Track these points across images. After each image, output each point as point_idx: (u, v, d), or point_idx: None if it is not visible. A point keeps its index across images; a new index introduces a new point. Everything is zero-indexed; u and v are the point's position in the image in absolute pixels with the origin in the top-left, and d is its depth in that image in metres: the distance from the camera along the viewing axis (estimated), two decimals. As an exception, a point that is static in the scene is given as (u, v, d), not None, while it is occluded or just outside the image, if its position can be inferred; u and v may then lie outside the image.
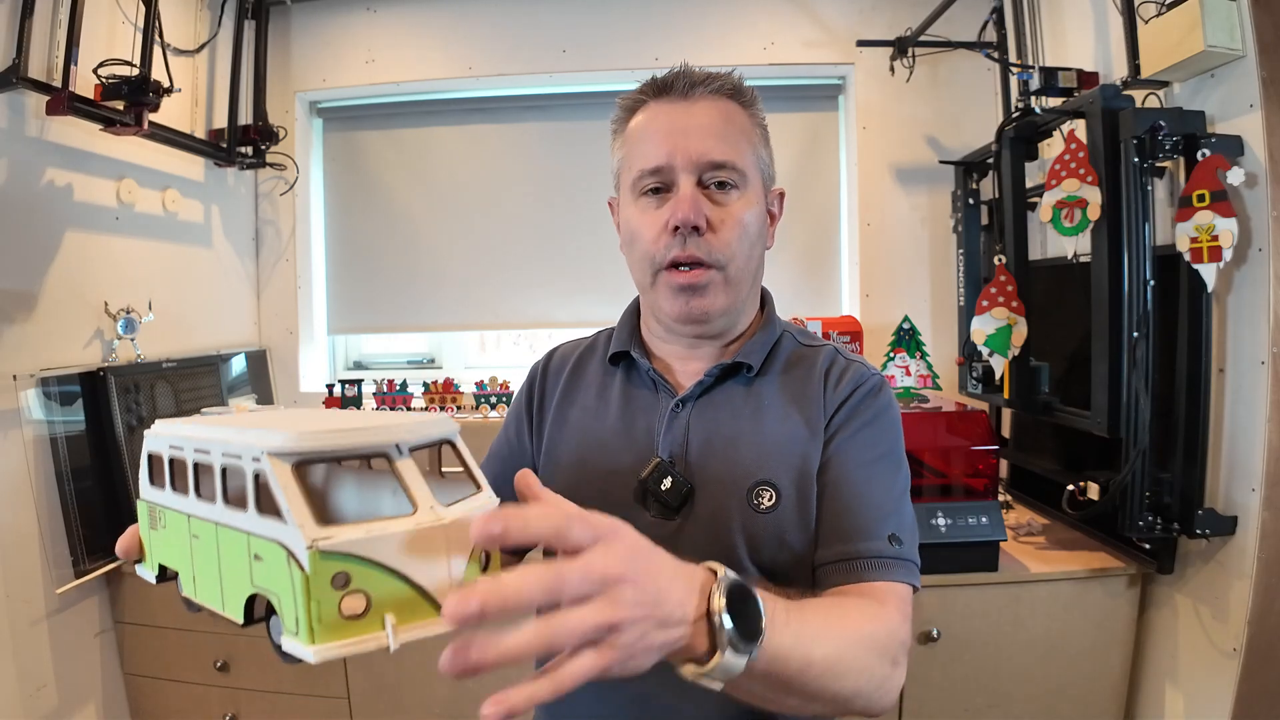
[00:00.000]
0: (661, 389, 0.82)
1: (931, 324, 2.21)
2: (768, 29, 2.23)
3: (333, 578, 0.38)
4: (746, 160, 0.77)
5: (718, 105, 0.77)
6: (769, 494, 0.74)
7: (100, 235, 1.77)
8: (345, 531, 0.38)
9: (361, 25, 2.31)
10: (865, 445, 0.76)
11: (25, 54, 1.47)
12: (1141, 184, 1.39)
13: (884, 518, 0.73)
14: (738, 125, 0.77)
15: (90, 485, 1.65)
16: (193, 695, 1.74)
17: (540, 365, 0.92)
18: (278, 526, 0.39)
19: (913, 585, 0.72)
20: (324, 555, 0.37)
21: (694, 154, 0.74)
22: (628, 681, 0.67)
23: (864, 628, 0.62)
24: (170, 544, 0.49)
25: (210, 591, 0.45)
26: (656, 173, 0.76)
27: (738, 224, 0.75)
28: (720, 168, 0.75)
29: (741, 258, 0.76)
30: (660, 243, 0.75)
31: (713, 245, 0.75)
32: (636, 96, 0.80)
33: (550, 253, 2.37)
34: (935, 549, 1.50)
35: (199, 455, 0.45)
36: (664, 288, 0.77)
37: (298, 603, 0.38)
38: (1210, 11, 1.30)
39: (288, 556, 0.38)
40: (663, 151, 0.75)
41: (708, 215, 0.74)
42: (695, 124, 0.75)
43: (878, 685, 0.61)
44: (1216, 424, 1.40)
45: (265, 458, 0.39)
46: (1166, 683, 1.53)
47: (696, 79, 0.77)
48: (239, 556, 0.42)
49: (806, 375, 0.80)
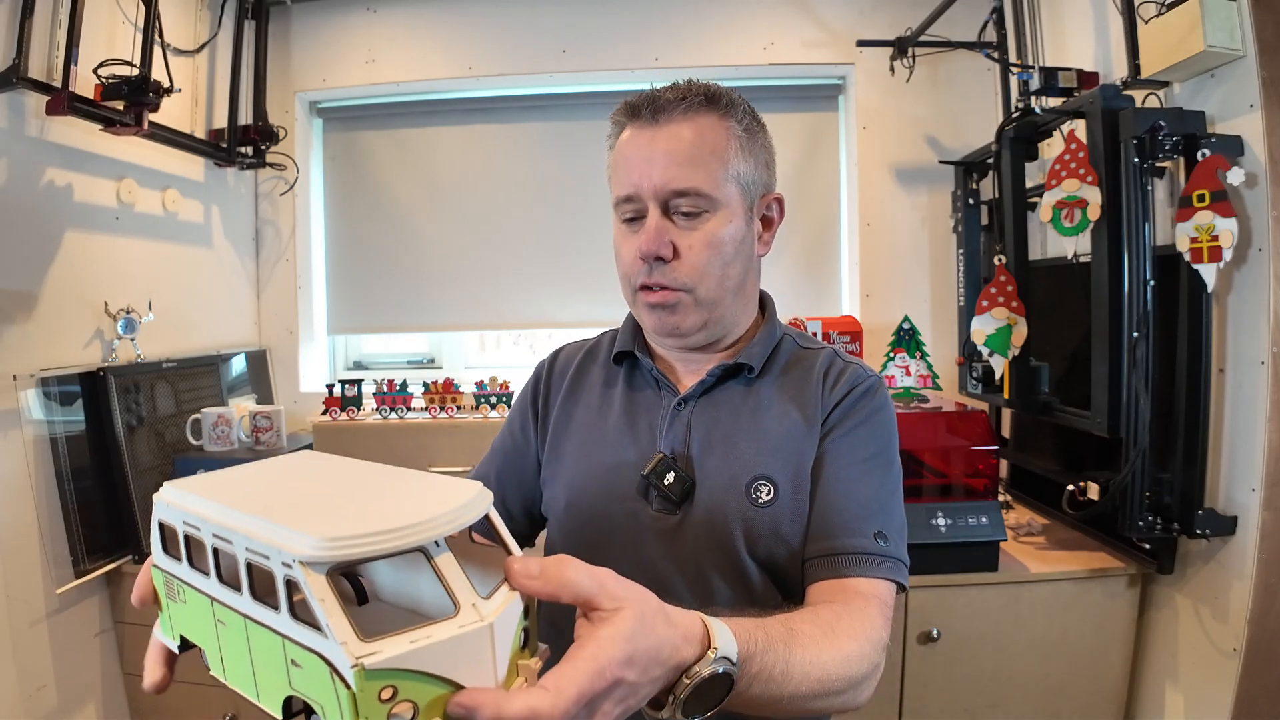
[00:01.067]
0: (664, 388, 0.83)
1: (931, 324, 2.21)
2: (768, 29, 2.23)
3: (379, 692, 0.37)
4: (716, 179, 0.75)
5: (688, 125, 0.75)
6: (767, 488, 0.75)
7: (100, 235, 1.77)
8: (390, 645, 0.37)
9: (361, 25, 2.31)
10: (857, 444, 0.77)
11: (25, 54, 1.47)
12: (1141, 184, 1.39)
13: (871, 515, 0.74)
14: (708, 144, 0.75)
15: (90, 485, 1.65)
16: (193, 695, 1.73)
17: (546, 364, 0.94)
18: (317, 638, 0.37)
19: (898, 583, 0.73)
20: (370, 674, 0.36)
21: (657, 183, 0.75)
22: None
23: (849, 651, 0.62)
24: (193, 620, 0.46)
25: (242, 680, 0.43)
26: (628, 201, 0.78)
27: (705, 248, 0.76)
28: (684, 195, 0.75)
29: (712, 279, 0.77)
30: (635, 267, 0.78)
31: (678, 272, 0.76)
32: (617, 117, 0.81)
33: (550, 253, 2.37)
34: (935, 549, 1.50)
35: (220, 542, 0.42)
36: (641, 305, 0.81)
37: (345, 718, 0.37)
38: (1210, 11, 1.30)
39: (331, 672, 0.37)
40: (630, 180, 0.76)
41: (675, 242, 0.76)
42: (659, 151, 0.75)
43: (855, 694, 0.63)
44: (1216, 424, 1.41)
45: (297, 566, 0.37)
46: (1166, 683, 1.53)
47: (662, 102, 0.76)
48: (274, 656, 0.40)
49: (805, 376, 0.82)
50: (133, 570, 1.70)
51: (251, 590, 0.40)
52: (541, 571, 0.44)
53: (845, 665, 0.61)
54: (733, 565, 0.75)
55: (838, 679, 0.60)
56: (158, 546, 0.47)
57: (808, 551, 0.75)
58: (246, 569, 0.40)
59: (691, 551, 0.75)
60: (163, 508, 0.46)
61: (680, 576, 0.76)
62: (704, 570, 0.75)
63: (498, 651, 0.41)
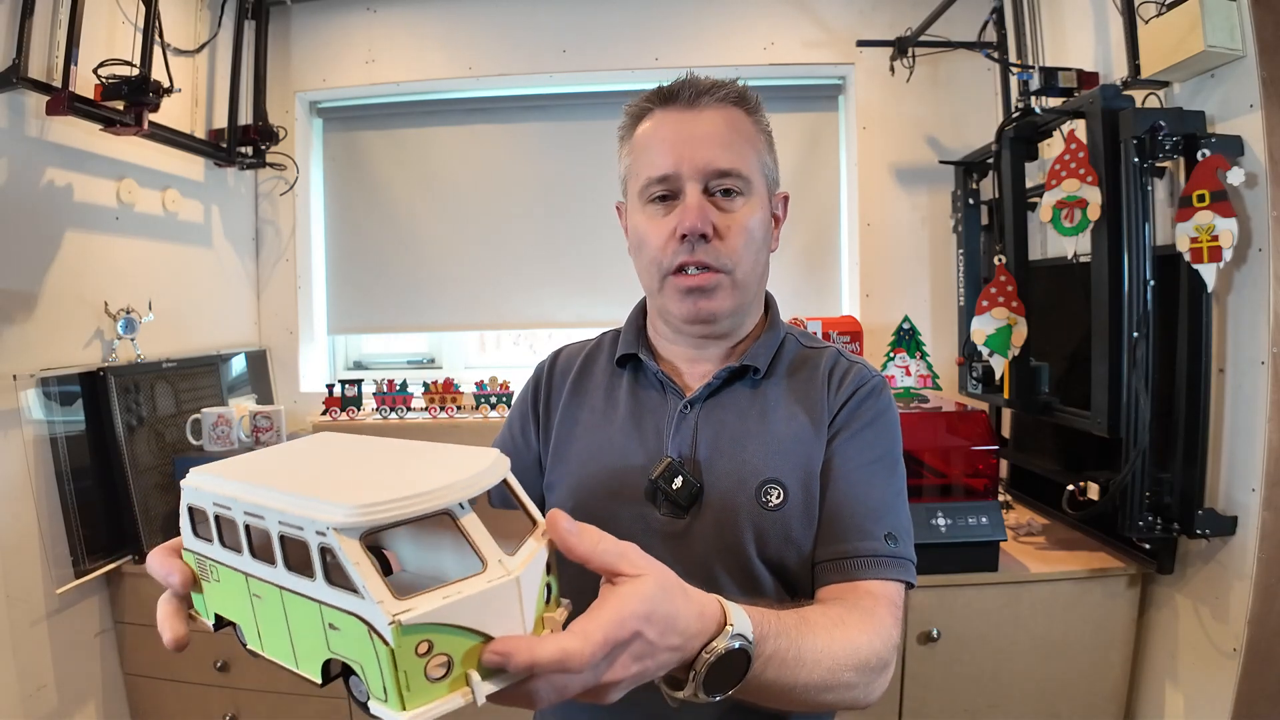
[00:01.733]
0: (669, 390, 0.83)
1: (931, 324, 2.21)
2: (768, 29, 2.23)
3: (416, 646, 0.39)
4: (751, 167, 0.78)
5: (723, 113, 0.78)
6: (777, 492, 0.75)
7: (100, 235, 1.77)
8: (424, 602, 0.39)
9: (361, 25, 2.31)
10: (864, 446, 0.78)
11: (25, 54, 1.47)
12: (1141, 184, 1.39)
13: (880, 517, 0.74)
14: (743, 132, 0.78)
15: (90, 485, 1.65)
16: (193, 695, 1.74)
17: (546, 365, 0.93)
18: (353, 600, 0.39)
19: (907, 583, 0.74)
20: (406, 629, 0.38)
21: (700, 162, 0.75)
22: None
23: (860, 644, 0.64)
24: (227, 597, 0.48)
25: (280, 650, 0.45)
26: (663, 181, 0.77)
27: (744, 230, 0.77)
28: (726, 175, 0.76)
29: (748, 263, 0.78)
30: (668, 249, 0.77)
31: (720, 252, 0.76)
32: (643, 104, 0.81)
33: (550, 253, 2.37)
34: (935, 549, 1.50)
35: (251, 519, 0.44)
36: (671, 291, 0.79)
37: (384, 674, 0.39)
38: (1210, 11, 1.30)
39: (369, 631, 0.39)
40: (669, 160, 0.76)
41: (714, 222, 0.76)
42: (701, 132, 0.76)
43: (865, 691, 0.64)
44: (1216, 424, 1.41)
45: (331, 533, 0.39)
46: (1166, 683, 1.53)
47: (702, 87, 0.78)
48: (311, 623, 0.42)
49: (810, 377, 0.82)
50: (133, 570, 1.70)
51: (286, 562, 0.42)
52: (581, 531, 0.48)
53: (854, 656, 0.62)
54: (742, 569, 0.75)
55: (847, 668, 0.61)
56: (188, 530, 0.49)
57: (818, 555, 0.75)
58: (280, 542, 0.42)
59: (701, 555, 0.75)
60: (191, 492, 0.48)
61: (689, 580, 0.75)
62: (713, 574, 0.75)
63: (525, 604, 0.43)
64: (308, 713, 1.71)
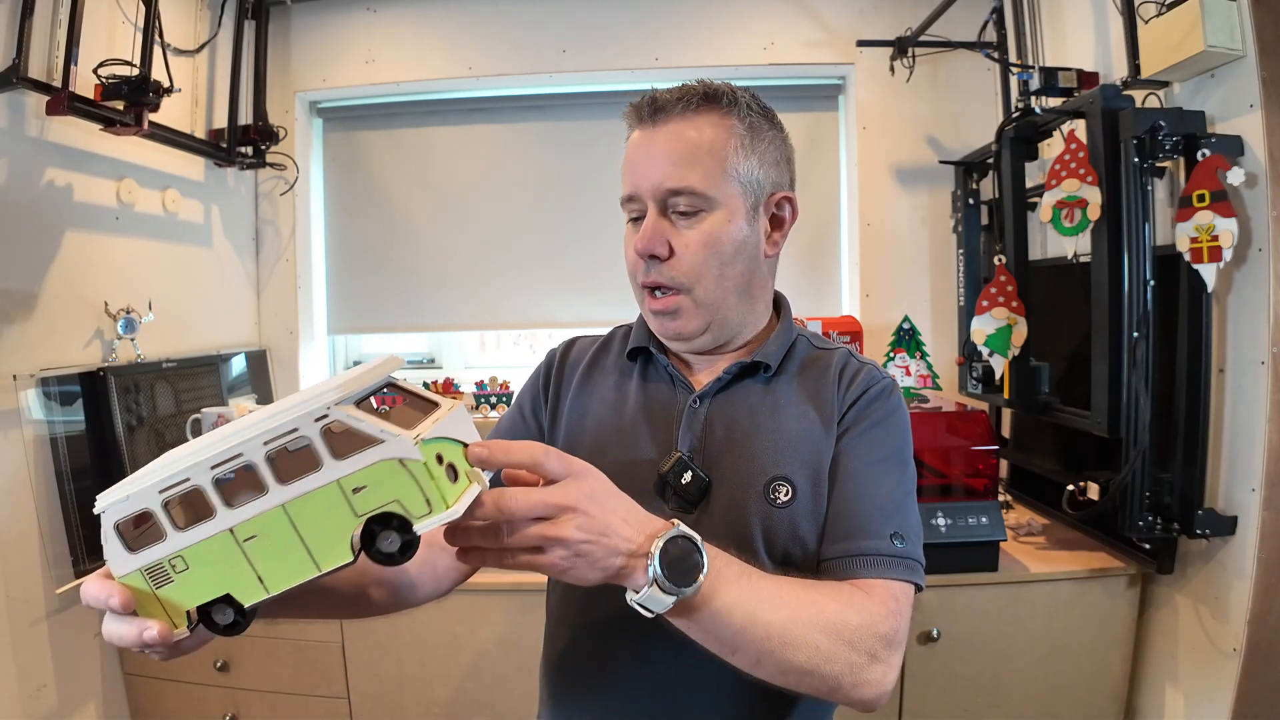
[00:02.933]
0: (680, 384, 0.83)
1: (931, 324, 2.21)
2: (768, 29, 2.23)
3: (435, 457, 0.49)
4: (713, 178, 0.75)
5: (687, 124, 0.76)
6: (785, 489, 0.75)
7: (100, 235, 1.77)
8: (423, 427, 0.50)
9: (361, 25, 2.31)
10: (873, 445, 0.77)
11: (25, 54, 1.47)
12: (1141, 184, 1.39)
13: (887, 516, 0.74)
14: (706, 142, 0.75)
15: (90, 485, 1.65)
16: (193, 695, 1.74)
17: (559, 351, 0.94)
18: (374, 451, 0.48)
19: (915, 584, 0.72)
20: (425, 444, 0.48)
21: (653, 182, 0.76)
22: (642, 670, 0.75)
23: (829, 609, 0.65)
24: (205, 576, 0.51)
25: (292, 570, 0.50)
26: (630, 200, 0.79)
27: (701, 248, 0.76)
28: (678, 194, 0.75)
29: (709, 278, 0.77)
30: (636, 266, 0.79)
31: (674, 271, 0.77)
32: (626, 120, 0.81)
33: (550, 253, 2.37)
34: (935, 549, 1.50)
35: (222, 469, 0.48)
36: (646, 309, 0.82)
37: (424, 486, 0.48)
38: (1210, 11, 1.30)
39: (399, 463, 0.48)
40: (630, 181, 0.78)
41: (670, 241, 0.76)
42: (656, 152, 0.76)
43: (845, 671, 0.63)
44: (1216, 424, 1.41)
45: (335, 409, 0.47)
46: (1166, 683, 1.53)
47: (661, 102, 0.77)
48: (331, 506, 0.48)
49: (821, 376, 0.82)
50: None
51: (278, 479, 0.48)
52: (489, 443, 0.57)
53: (821, 616, 0.64)
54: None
55: (815, 627, 0.63)
56: (120, 552, 0.53)
57: (823, 553, 0.74)
58: (269, 464, 0.48)
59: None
60: (120, 505, 0.52)
61: None
62: None
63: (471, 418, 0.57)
64: (308, 713, 1.71)
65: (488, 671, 1.68)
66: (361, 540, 0.49)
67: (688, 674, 0.74)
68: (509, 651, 1.65)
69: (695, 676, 0.73)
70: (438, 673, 1.69)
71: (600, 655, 0.79)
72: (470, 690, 1.69)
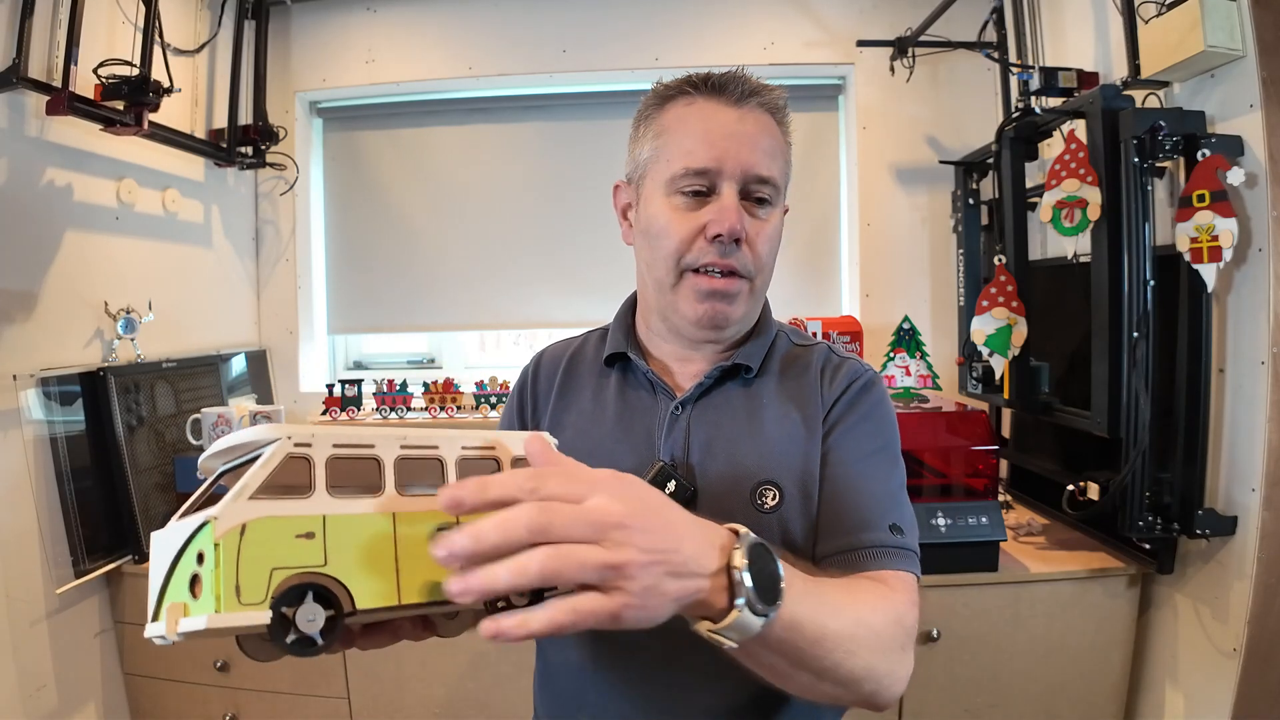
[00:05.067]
0: (660, 391, 0.81)
1: (931, 324, 2.21)
2: (768, 29, 2.23)
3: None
4: (781, 176, 0.77)
5: (764, 118, 0.76)
6: (772, 494, 0.74)
7: (100, 235, 1.77)
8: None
9: (361, 25, 2.31)
10: (862, 439, 0.76)
11: (25, 54, 1.47)
12: (1141, 184, 1.39)
13: (884, 509, 0.73)
14: (776, 141, 0.77)
15: (90, 485, 1.65)
16: (193, 695, 1.74)
17: (530, 369, 0.91)
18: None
19: (915, 575, 0.72)
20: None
21: (745, 164, 0.73)
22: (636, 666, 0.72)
23: (878, 607, 0.63)
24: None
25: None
26: (701, 174, 0.74)
27: (770, 239, 0.77)
28: (765, 182, 0.75)
29: (768, 271, 0.79)
30: (694, 246, 0.74)
31: (748, 258, 0.75)
32: (682, 86, 0.77)
33: (550, 253, 2.37)
34: (935, 549, 1.50)
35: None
36: (689, 289, 0.76)
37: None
38: (1210, 11, 1.30)
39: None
40: (712, 154, 0.73)
41: (746, 228, 0.74)
42: (747, 133, 0.74)
43: (889, 668, 0.61)
44: (1216, 424, 1.40)
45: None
46: (1166, 683, 1.53)
47: (751, 87, 0.76)
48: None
49: (802, 374, 0.81)
50: (133, 570, 1.70)
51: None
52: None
53: (874, 616, 0.61)
54: None
55: (870, 628, 0.59)
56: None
57: (821, 550, 0.73)
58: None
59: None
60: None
61: None
62: None
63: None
64: (308, 712, 1.71)
65: (487, 671, 1.68)
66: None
67: (680, 677, 0.73)
68: (508, 651, 1.65)
69: (688, 679, 0.72)
70: (438, 673, 1.69)
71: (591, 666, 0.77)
72: (470, 690, 1.69)
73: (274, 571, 0.41)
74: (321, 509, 0.43)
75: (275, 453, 0.43)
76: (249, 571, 0.40)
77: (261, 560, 0.40)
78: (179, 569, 0.42)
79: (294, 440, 0.44)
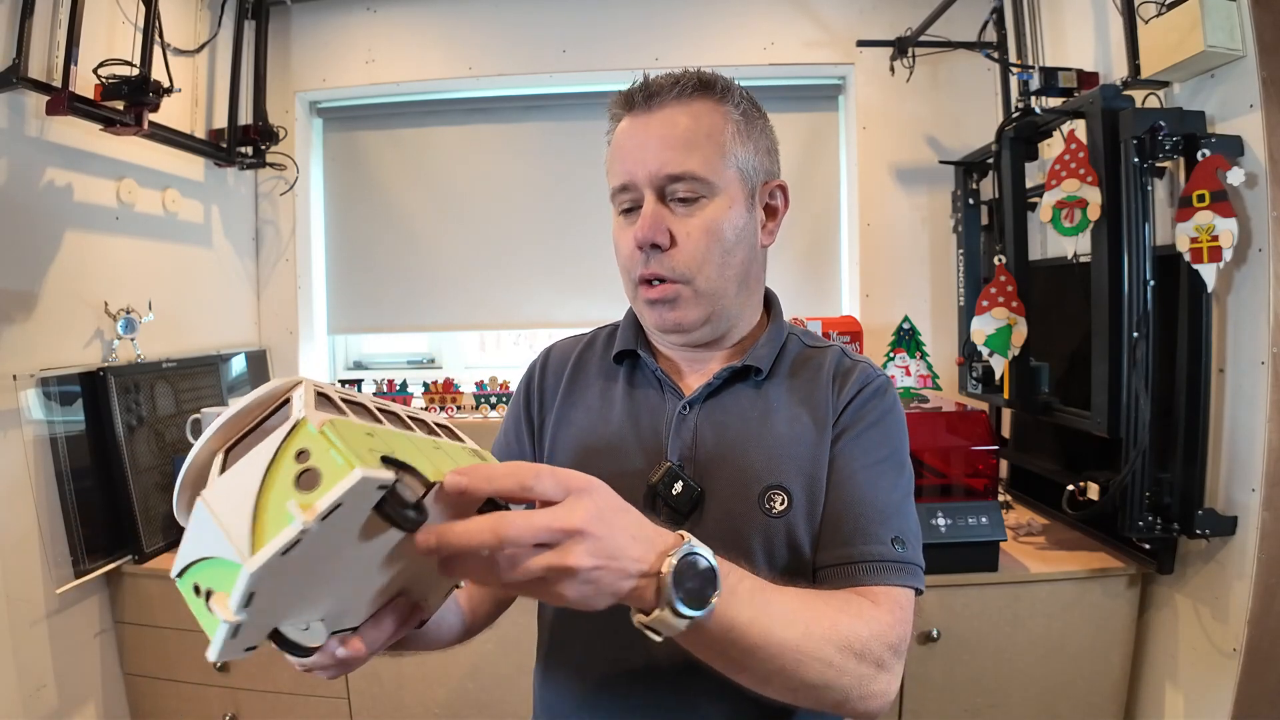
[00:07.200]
0: (668, 390, 0.81)
1: (931, 324, 2.21)
2: (768, 29, 2.23)
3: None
4: (712, 165, 0.74)
5: (683, 110, 0.74)
6: (781, 497, 0.73)
7: (100, 235, 1.77)
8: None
9: (361, 25, 2.31)
10: (870, 446, 0.75)
11: (25, 54, 1.47)
12: (1141, 184, 1.39)
13: (887, 520, 0.72)
14: (704, 128, 0.74)
15: (90, 485, 1.65)
16: (192, 695, 1.74)
17: (537, 364, 0.91)
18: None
19: (915, 589, 0.71)
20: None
21: (651, 169, 0.73)
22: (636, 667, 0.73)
23: (841, 622, 0.62)
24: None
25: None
26: (624, 190, 0.76)
27: (704, 235, 0.74)
28: (678, 180, 0.73)
29: (712, 267, 0.75)
30: (634, 259, 0.76)
31: (675, 261, 0.74)
32: (612, 110, 0.79)
33: (550, 252, 2.37)
34: (935, 549, 1.50)
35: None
36: (641, 301, 0.78)
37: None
38: (1210, 11, 1.30)
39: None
40: (624, 169, 0.75)
41: (671, 229, 0.74)
42: (653, 137, 0.74)
43: (854, 684, 0.61)
44: (1216, 424, 1.41)
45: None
46: (1166, 683, 1.53)
47: (655, 88, 0.75)
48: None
49: (814, 377, 0.80)
50: (133, 570, 1.70)
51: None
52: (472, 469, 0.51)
53: (834, 630, 0.60)
54: None
55: (827, 641, 0.59)
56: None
57: (822, 559, 0.72)
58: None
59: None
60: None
61: None
62: None
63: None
64: (308, 712, 1.71)
65: (487, 671, 1.68)
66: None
67: (680, 678, 0.72)
68: (508, 651, 1.65)
69: (688, 679, 0.72)
70: (437, 673, 1.69)
71: (592, 666, 0.77)
72: (470, 690, 1.69)
73: (369, 451, 0.44)
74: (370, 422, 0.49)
75: (306, 389, 0.47)
76: (356, 446, 0.43)
77: (358, 442, 0.44)
78: (273, 483, 0.43)
79: (313, 382, 0.49)
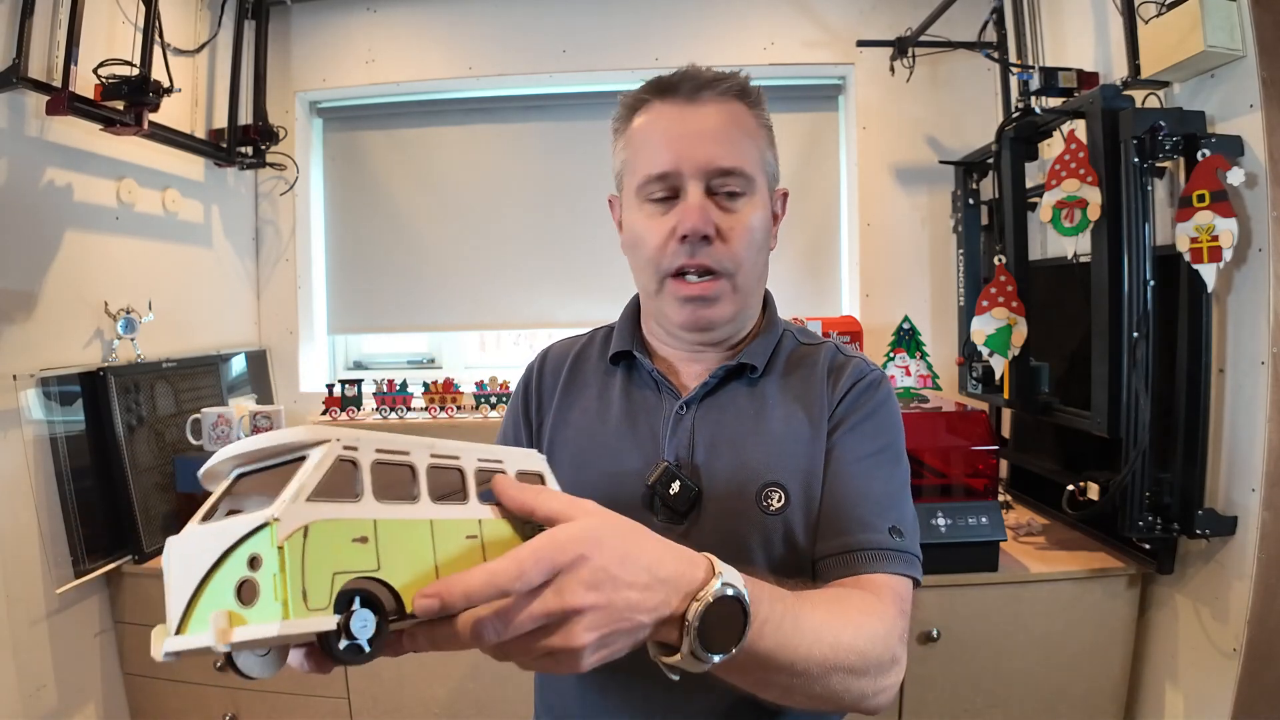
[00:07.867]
0: (665, 390, 0.81)
1: (931, 324, 2.21)
2: (768, 29, 2.23)
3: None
4: (753, 164, 0.75)
5: (725, 107, 0.75)
6: (778, 495, 0.74)
7: (100, 235, 1.77)
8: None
9: (361, 25, 2.31)
10: (865, 438, 0.76)
11: (25, 54, 1.47)
12: (1141, 184, 1.39)
13: (884, 510, 0.72)
14: (744, 128, 0.75)
15: (90, 485, 1.65)
16: (192, 695, 1.74)
17: (535, 366, 0.91)
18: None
19: (914, 578, 0.71)
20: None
21: (701, 160, 0.73)
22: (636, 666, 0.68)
23: (863, 625, 0.62)
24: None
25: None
26: (663, 179, 0.74)
27: (746, 231, 0.74)
28: (729, 174, 0.73)
29: (749, 265, 0.76)
30: (667, 250, 0.74)
31: (722, 254, 0.74)
32: (639, 95, 0.78)
33: (550, 252, 2.37)
34: (935, 549, 1.50)
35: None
36: (670, 296, 0.76)
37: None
38: (1210, 11, 1.30)
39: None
40: (669, 157, 0.73)
41: (716, 223, 0.73)
42: (702, 128, 0.73)
43: (871, 684, 0.61)
44: (1216, 424, 1.40)
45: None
46: (1166, 683, 1.53)
47: (703, 80, 0.75)
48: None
49: (809, 374, 0.80)
50: (133, 570, 1.70)
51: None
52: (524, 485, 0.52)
53: (858, 635, 0.60)
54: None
55: (851, 650, 0.59)
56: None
57: (820, 550, 0.73)
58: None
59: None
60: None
61: None
62: None
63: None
64: (308, 712, 1.71)
65: (487, 671, 1.68)
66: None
67: (683, 680, 0.72)
68: (509, 651, 1.65)
69: (688, 679, 0.71)
70: (437, 672, 1.69)
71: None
72: (470, 689, 1.69)
73: (335, 575, 0.40)
74: (372, 513, 0.43)
75: (326, 454, 0.42)
76: (313, 575, 0.38)
77: (324, 564, 0.39)
78: (219, 575, 0.40)
79: (342, 443, 0.43)
